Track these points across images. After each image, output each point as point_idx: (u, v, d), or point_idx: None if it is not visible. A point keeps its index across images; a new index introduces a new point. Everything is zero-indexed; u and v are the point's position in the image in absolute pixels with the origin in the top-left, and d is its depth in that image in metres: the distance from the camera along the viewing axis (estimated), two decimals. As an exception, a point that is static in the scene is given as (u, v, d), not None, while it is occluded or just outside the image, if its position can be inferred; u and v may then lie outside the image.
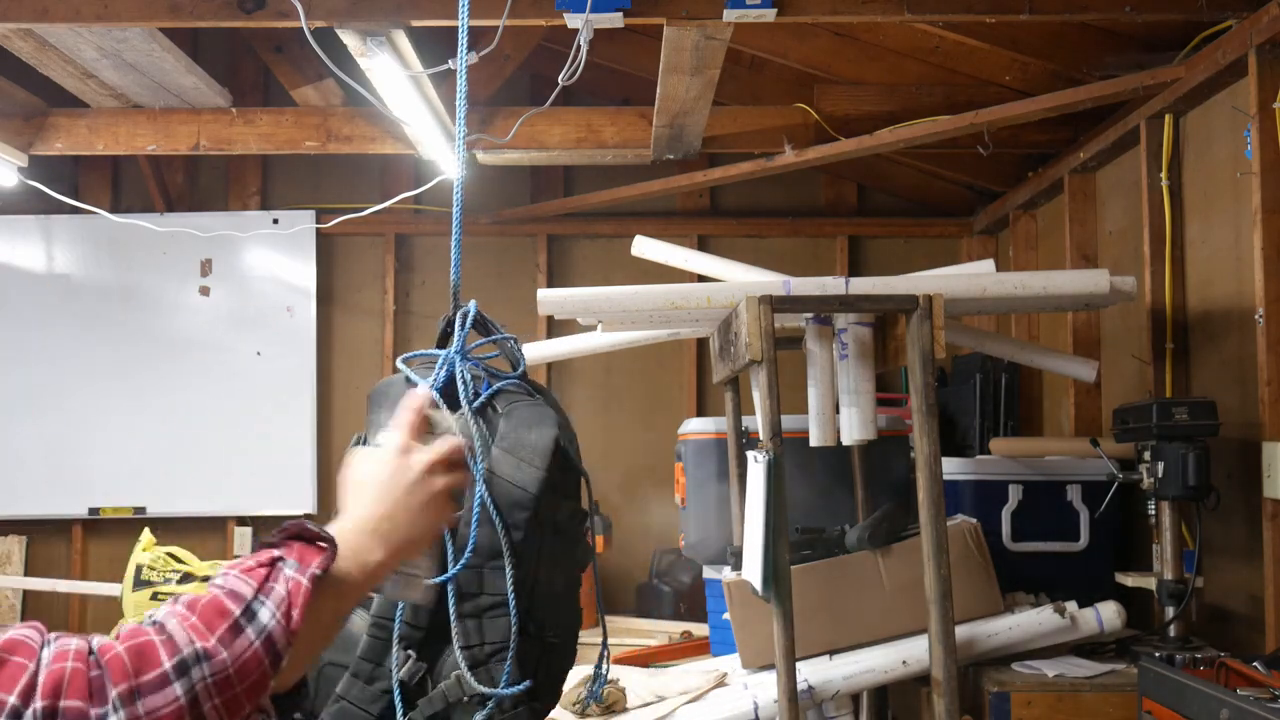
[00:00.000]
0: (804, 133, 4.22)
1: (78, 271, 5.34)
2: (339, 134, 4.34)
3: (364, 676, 1.38)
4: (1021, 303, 3.12)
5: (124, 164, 5.41)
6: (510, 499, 1.38)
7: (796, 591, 2.52)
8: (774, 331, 2.52)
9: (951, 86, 4.02)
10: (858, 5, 3.06)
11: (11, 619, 5.23)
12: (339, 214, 5.08)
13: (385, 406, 1.40)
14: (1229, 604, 3.07)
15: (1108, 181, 3.97)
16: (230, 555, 5.21)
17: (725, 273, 3.39)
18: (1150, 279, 3.35)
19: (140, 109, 4.31)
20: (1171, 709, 2.16)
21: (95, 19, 3.18)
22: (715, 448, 3.48)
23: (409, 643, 1.38)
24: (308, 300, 5.34)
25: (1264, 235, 2.77)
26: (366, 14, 3.06)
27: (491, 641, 1.36)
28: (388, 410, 1.34)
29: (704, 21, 3.00)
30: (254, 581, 1.01)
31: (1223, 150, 3.12)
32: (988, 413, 4.30)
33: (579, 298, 2.99)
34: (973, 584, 2.91)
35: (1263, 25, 2.77)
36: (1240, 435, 2.93)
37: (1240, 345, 3.00)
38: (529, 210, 5.32)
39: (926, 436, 2.48)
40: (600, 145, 4.33)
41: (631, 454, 5.30)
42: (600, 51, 4.46)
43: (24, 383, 5.25)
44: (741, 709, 2.74)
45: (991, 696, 2.71)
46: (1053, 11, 3.07)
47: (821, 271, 5.01)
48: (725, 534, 3.37)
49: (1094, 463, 3.28)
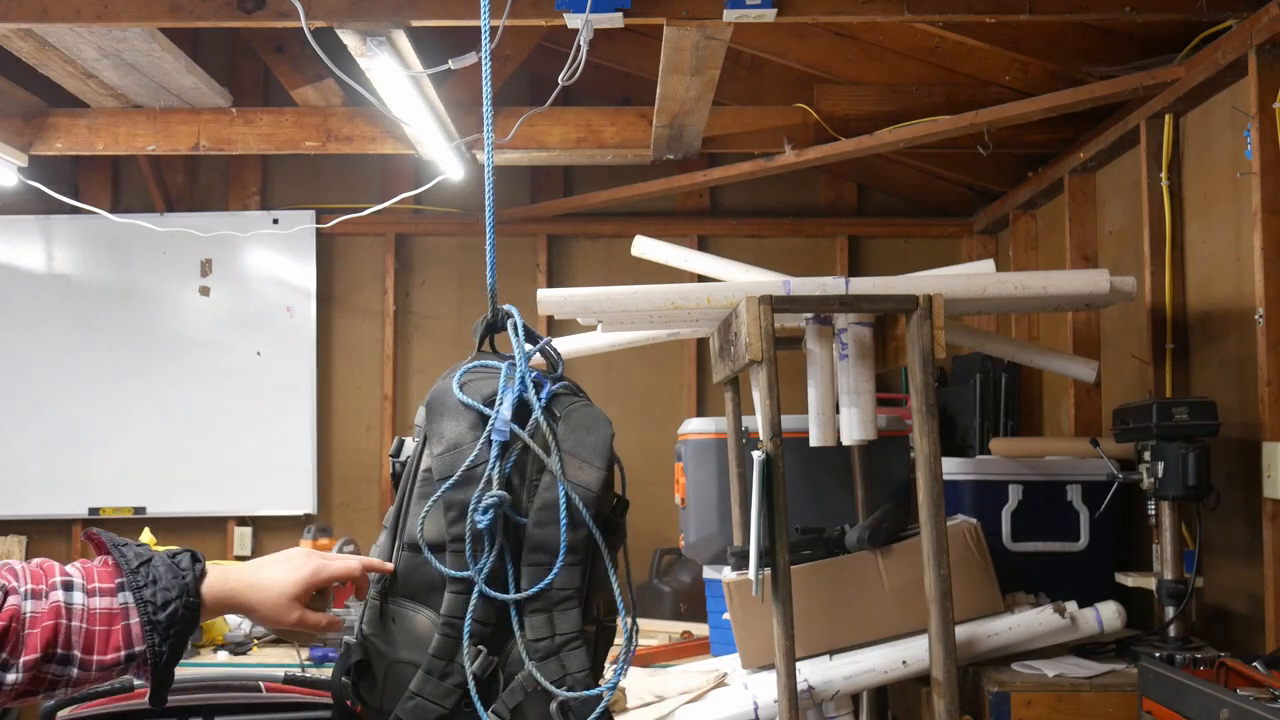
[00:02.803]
0: (804, 133, 4.22)
1: (78, 271, 5.34)
2: (339, 134, 4.34)
3: (437, 673, 1.44)
4: (1021, 303, 3.12)
5: (124, 164, 5.41)
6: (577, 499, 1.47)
7: (796, 591, 2.52)
8: (774, 331, 2.52)
9: (951, 86, 4.02)
10: (858, 5, 3.06)
11: (11, 619, 5.23)
12: (339, 214, 5.08)
13: (447, 416, 1.49)
14: (1229, 604, 3.07)
15: (1108, 181, 3.97)
16: (230, 555, 5.22)
17: (725, 273, 3.39)
18: (1150, 279, 3.35)
19: (140, 109, 4.31)
20: (1171, 709, 2.16)
21: (95, 19, 3.18)
22: (715, 448, 3.48)
23: (479, 639, 1.45)
24: (308, 300, 5.34)
25: (1264, 235, 2.77)
26: (366, 14, 3.07)
27: (563, 633, 1.45)
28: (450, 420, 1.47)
29: (704, 21, 3.00)
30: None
31: (1223, 150, 3.12)
32: (988, 413, 4.30)
33: (579, 298, 2.99)
34: (973, 584, 2.91)
35: (1262, 25, 2.77)
36: (1240, 435, 2.93)
37: (1240, 345, 3.00)
38: (529, 210, 5.32)
39: (926, 436, 2.48)
40: (600, 145, 4.33)
41: (631, 454, 5.25)
42: (600, 51, 4.46)
43: (24, 383, 5.25)
44: (741, 709, 2.74)
45: (991, 696, 2.71)
46: (1053, 11, 3.07)
47: (821, 271, 5.01)
48: (725, 534, 3.37)
49: (1094, 463, 3.28)
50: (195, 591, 1.31)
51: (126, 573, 1.27)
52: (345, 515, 5.29)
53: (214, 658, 3.64)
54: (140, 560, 1.29)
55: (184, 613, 1.29)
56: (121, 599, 1.26)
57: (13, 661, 1.20)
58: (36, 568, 1.27)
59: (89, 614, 1.24)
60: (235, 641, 3.72)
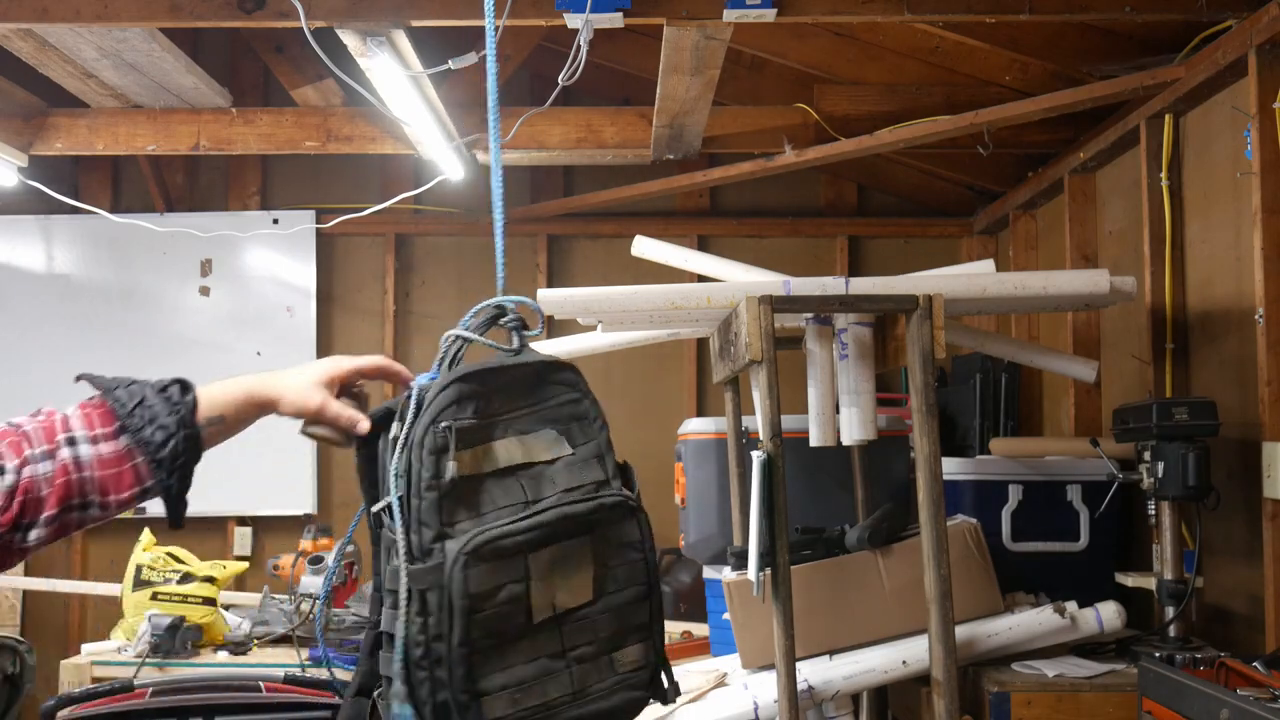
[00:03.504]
0: (804, 133, 4.22)
1: (78, 271, 5.34)
2: (339, 134, 4.34)
3: None
4: (1021, 303, 3.12)
5: (124, 164, 5.41)
6: None
7: (796, 591, 2.52)
8: (774, 331, 2.52)
9: (951, 86, 4.02)
10: (858, 5, 3.06)
11: (12, 619, 5.23)
12: (339, 214, 5.08)
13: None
14: (1229, 604, 3.07)
15: (1108, 181, 3.97)
16: (230, 555, 5.22)
17: (725, 273, 3.39)
18: (1150, 279, 3.35)
19: (140, 109, 4.31)
20: (1171, 709, 2.16)
21: (95, 19, 3.18)
22: (715, 448, 3.48)
23: None
24: (308, 300, 5.34)
25: (1264, 235, 2.77)
26: (366, 14, 3.07)
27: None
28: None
29: (704, 21, 3.00)
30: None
31: (1222, 150, 3.12)
32: (988, 413, 4.30)
33: (579, 298, 2.99)
34: (973, 584, 2.91)
35: (1263, 25, 2.77)
36: (1240, 435, 2.93)
37: (1240, 345, 3.00)
38: (529, 210, 5.32)
39: (926, 436, 2.48)
40: (600, 145, 4.33)
41: (631, 454, 5.23)
42: (600, 51, 4.46)
43: (24, 383, 5.25)
44: (741, 709, 2.74)
45: (991, 696, 2.71)
46: (1053, 11, 3.07)
47: (821, 271, 5.01)
48: (725, 534, 3.37)
49: (1094, 463, 3.28)
50: (191, 422, 1.36)
51: (122, 417, 1.33)
52: (345, 515, 5.28)
53: (214, 658, 3.64)
54: (135, 401, 1.34)
55: (184, 445, 1.35)
56: (124, 441, 1.33)
57: (35, 520, 1.29)
58: (43, 423, 1.33)
59: (98, 461, 1.31)
60: (235, 641, 3.72)
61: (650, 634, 1.43)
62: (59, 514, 1.29)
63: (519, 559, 1.32)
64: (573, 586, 1.36)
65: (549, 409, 1.44)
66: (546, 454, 1.41)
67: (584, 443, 1.44)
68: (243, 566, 4.17)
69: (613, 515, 1.41)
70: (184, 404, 1.36)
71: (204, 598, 3.73)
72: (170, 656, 3.55)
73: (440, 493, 1.32)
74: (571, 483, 1.41)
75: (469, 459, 1.35)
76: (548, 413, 1.43)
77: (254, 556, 5.21)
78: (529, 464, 1.39)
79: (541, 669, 1.34)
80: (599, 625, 1.38)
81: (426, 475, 1.33)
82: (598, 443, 1.46)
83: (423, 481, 1.32)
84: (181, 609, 3.67)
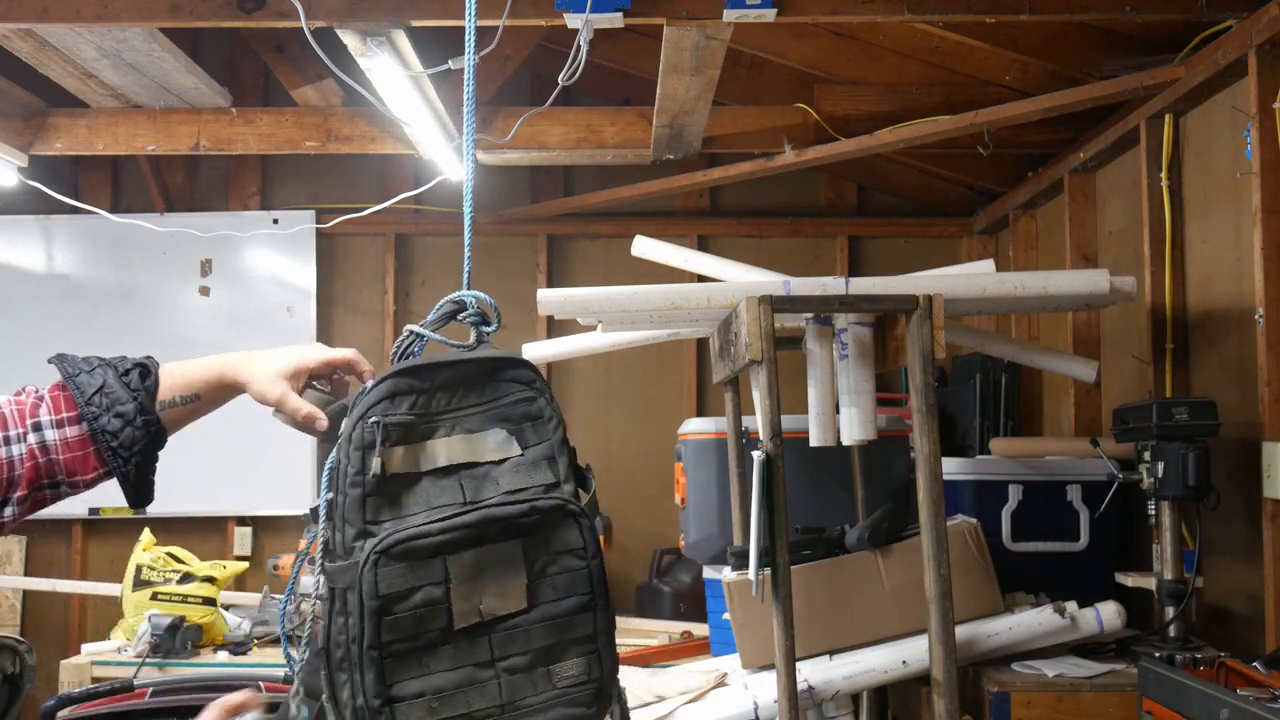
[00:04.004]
0: (804, 133, 4.22)
1: (78, 271, 5.34)
2: (339, 134, 4.34)
3: None
4: (1021, 303, 3.12)
5: (124, 164, 5.41)
6: None
7: (796, 591, 2.52)
8: (774, 331, 2.52)
9: (951, 86, 4.02)
10: (858, 5, 3.06)
11: (12, 619, 5.23)
12: (339, 214, 5.08)
13: None
14: (1229, 604, 3.07)
15: (1108, 181, 3.97)
16: (230, 555, 5.22)
17: (725, 273, 3.39)
18: (1150, 279, 3.35)
19: (140, 109, 4.31)
20: (1171, 709, 2.16)
21: (95, 19, 3.18)
22: (715, 448, 3.48)
23: None
24: (308, 300, 5.34)
25: (1264, 235, 2.76)
26: (366, 14, 3.07)
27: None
28: None
29: (704, 21, 3.00)
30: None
31: (1222, 150, 3.12)
32: (988, 413, 4.30)
33: (579, 298, 2.99)
34: (973, 584, 2.91)
35: (1262, 25, 2.77)
36: (1240, 435, 2.93)
37: (1240, 345, 3.00)
38: (529, 210, 5.32)
39: (926, 436, 2.48)
40: (600, 145, 4.33)
41: (631, 454, 5.30)
42: (600, 51, 4.46)
43: (23, 383, 5.24)
44: (741, 709, 2.74)
45: (991, 696, 2.71)
46: (1053, 11, 3.07)
47: (821, 271, 5.01)
48: (725, 534, 3.37)
49: (1094, 463, 3.28)
50: (149, 408, 1.40)
51: (81, 404, 1.37)
52: (345, 515, 5.29)
53: (214, 658, 3.64)
54: (94, 388, 1.39)
55: (139, 433, 1.39)
56: (85, 427, 1.38)
57: (8, 498, 1.35)
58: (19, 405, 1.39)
59: (63, 444, 1.37)
60: (235, 641, 3.72)
61: (595, 647, 1.33)
62: (30, 493, 1.36)
63: (437, 561, 1.25)
64: (503, 593, 1.28)
65: (501, 407, 1.36)
66: (494, 454, 1.34)
67: (536, 443, 1.36)
68: (243, 566, 4.18)
69: (549, 519, 1.31)
70: (143, 390, 1.40)
71: (204, 598, 3.73)
72: (170, 656, 3.55)
73: (365, 489, 1.27)
74: (517, 484, 1.32)
75: (401, 456, 1.30)
76: (499, 411, 1.36)
77: (254, 556, 5.21)
78: (474, 464, 1.33)
79: (466, 678, 1.26)
80: (533, 635, 1.30)
81: (351, 471, 1.28)
82: (550, 444, 1.36)
83: (347, 478, 1.28)
84: (181, 609, 3.67)
